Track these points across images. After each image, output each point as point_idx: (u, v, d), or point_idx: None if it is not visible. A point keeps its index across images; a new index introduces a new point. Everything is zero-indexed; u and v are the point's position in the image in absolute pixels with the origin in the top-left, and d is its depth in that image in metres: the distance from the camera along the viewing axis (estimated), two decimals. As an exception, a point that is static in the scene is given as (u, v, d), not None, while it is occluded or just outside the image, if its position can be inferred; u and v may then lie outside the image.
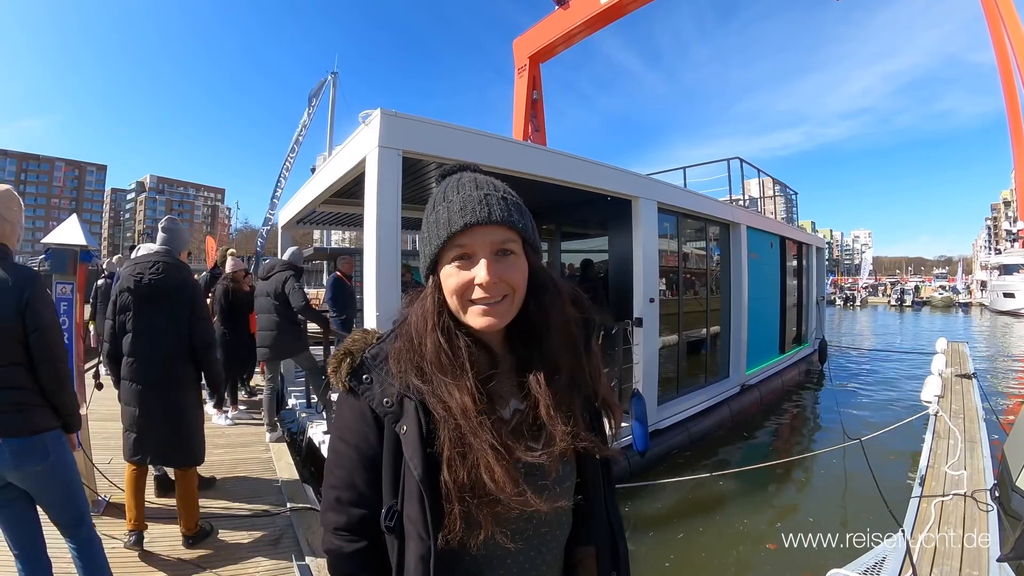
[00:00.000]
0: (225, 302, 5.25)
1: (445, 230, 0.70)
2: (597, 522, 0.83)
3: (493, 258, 0.70)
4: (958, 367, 7.95)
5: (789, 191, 12.57)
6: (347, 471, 0.76)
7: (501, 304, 0.71)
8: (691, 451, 5.67)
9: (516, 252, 0.73)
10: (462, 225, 0.69)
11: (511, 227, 0.72)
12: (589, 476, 0.81)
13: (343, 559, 0.76)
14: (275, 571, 2.65)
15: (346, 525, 0.75)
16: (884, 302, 43.32)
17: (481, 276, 0.69)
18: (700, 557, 3.79)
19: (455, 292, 0.71)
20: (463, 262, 0.71)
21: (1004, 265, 34.06)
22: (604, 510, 0.84)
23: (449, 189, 0.74)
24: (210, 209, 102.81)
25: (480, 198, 0.71)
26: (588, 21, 14.31)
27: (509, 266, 0.71)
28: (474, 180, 0.75)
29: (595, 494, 0.82)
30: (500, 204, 0.72)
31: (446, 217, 0.71)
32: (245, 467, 4.05)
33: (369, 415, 0.73)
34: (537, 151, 4.70)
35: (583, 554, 0.82)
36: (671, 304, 6.19)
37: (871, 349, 15.57)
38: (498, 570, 0.74)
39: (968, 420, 5.26)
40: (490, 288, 0.69)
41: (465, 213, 0.70)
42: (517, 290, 0.72)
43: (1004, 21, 15.69)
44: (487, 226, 0.70)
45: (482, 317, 0.71)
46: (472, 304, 0.71)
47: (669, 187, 6.03)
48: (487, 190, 0.73)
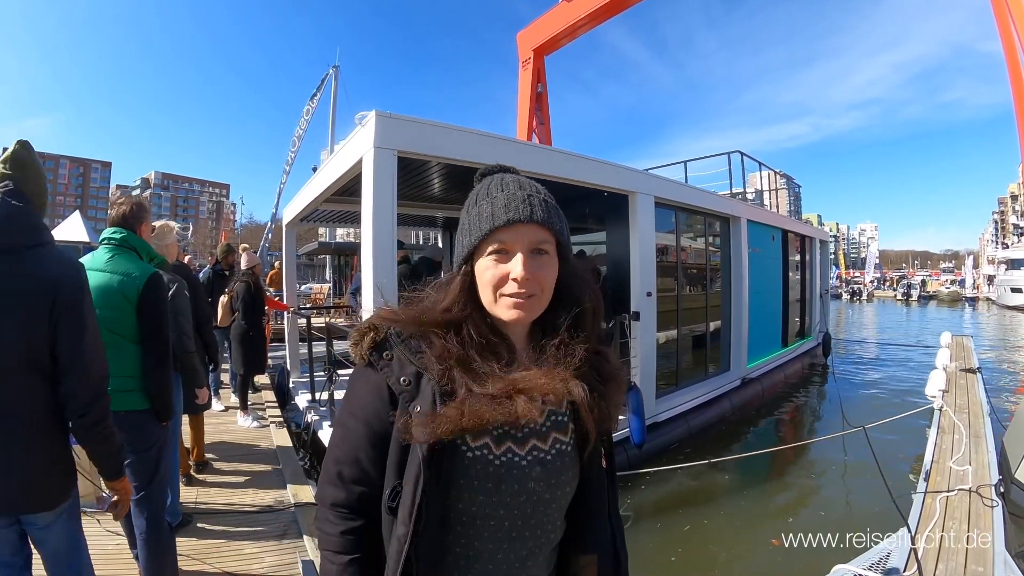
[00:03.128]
0: (248, 297, 5.17)
1: (488, 223, 0.73)
2: (598, 529, 0.83)
3: (529, 255, 0.73)
4: (963, 361, 7.90)
5: (793, 184, 12.50)
6: (353, 447, 0.76)
7: (530, 300, 0.74)
8: (691, 445, 5.68)
9: (550, 253, 0.76)
10: (505, 220, 0.72)
11: (550, 229, 0.75)
12: (592, 480, 0.81)
13: (337, 537, 0.75)
14: (279, 566, 2.66)
15: (345, 501, 0.76)
16: (891, 296, 43.08)
17: (517, 271, 0.72)
18: (708, 550, 3.82)
19: (491, 284, 0.74)
20: (500, 256, 0.74)
21: (1011, 260, 33.80)
22: (606, 517, 0.84)
23: (492, 186, 0.78)
24: (215, 205, 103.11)
25: (524, 198, 0.75)
26: (592, 13, 14.17)
27: (543, 265, 0.74)
28: (517, 181, 0.79)
29: (597, 499, 0.82)
30: (542, 206, 0.75)
31: (489, 212, 0.74)
32: (249, 463, 4.08)
33: (385, 391, 0.74)
34: (532, 149, 4.72)
35: (584, 562, 0.82)
36: (671, 299, 6.18)
37: (875, 343, 15.52)
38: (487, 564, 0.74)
39: (973, 415, 5.23)
40: (524, 284, 0.72)
41: (509, 210, 0.73)
42: (546, 289, 0.75)
43: (1011, 11, 15.47)
44: (528, 224, 0.73)
45: (512, 310, 0.73)
46: (503, 297, 0.74)
47: (666, 182, 6.04)
48: (530, 191, 0.77)
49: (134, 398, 2.14)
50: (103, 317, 1.98)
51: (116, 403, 1.93)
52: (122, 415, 2.03)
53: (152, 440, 2.22)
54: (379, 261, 3.37)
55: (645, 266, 5.30)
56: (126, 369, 2.14)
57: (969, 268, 47.67)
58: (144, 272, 2.16)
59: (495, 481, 0.72)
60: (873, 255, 58.10)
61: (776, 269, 9.03)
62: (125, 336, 2.13)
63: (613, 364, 0.84)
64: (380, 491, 0.75)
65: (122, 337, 2.12)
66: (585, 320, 0.80)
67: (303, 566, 2.60)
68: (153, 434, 2.22)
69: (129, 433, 2.04)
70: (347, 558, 0.75)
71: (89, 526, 2.87)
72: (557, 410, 0.79)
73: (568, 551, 0.82)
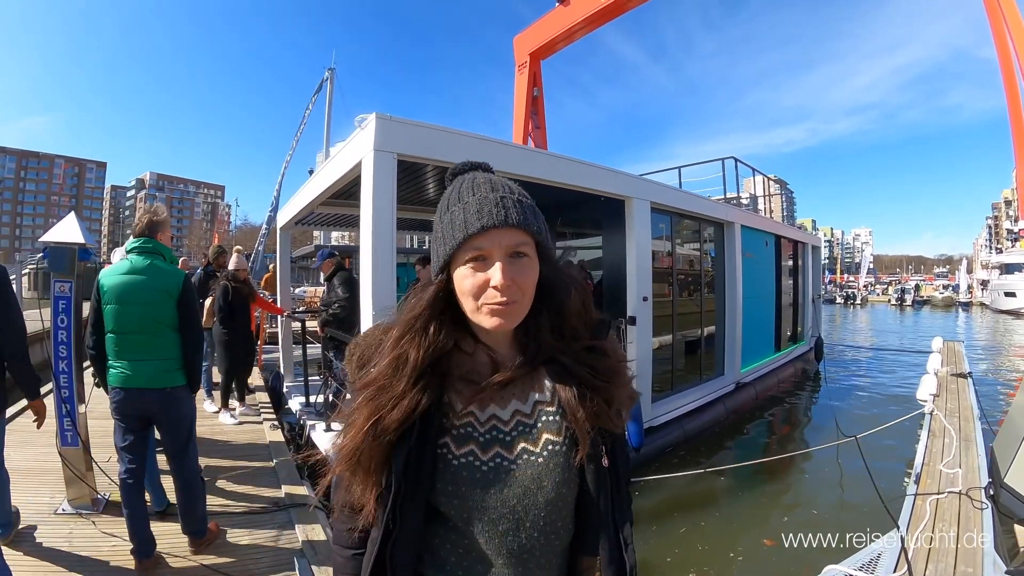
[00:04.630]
0: (224, 301, 5.18)
1: (461, 232, 0.70)
2: (602, 531, 0.79)
3: (507, 260, 0.71)
4: (953, 366, 7.96)
5: (787, 190, 12.60)
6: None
7: (512, 307, 0.71)
8: (686, 449, 5.72)
9: (529, 255, 0.73)
10: (479, 227, 0.69)
11: (527, 230, 0.72)
12: (590, 480, 0.76)
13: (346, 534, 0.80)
14: (275, 567, 2.67)
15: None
16: (884, 301, 43.32)
17: (496, 279, 0.69)
18: (703, 551, 3.86)
19: (470, 293, 0.71)
20: (478, 263, 0.71)
21: (1005, 264, 34.03)
22: (609, 519, 0.79)
23: (464, 189, 0.74)
24: (210, 206, 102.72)
25: (496, 200, 0.71)
26: (589, 18, 14.23)
27: (522, 269, 0.72)
28: (489, 182, 0.75)
29: (597, 500, 0.77)
30: (516, 207, 0.72)
31: (462, 218, 0.71)
32: (244, 464, 4.08)
33: None
34: (531, 153, 4.74)
35: (586, 564, 0.80)
36: (666, 303, 6.22)
37: (868, 347, 15.60)
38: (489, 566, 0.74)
39: (963, 419, 5.27)
40: (505, 291, 0.70)
41: (482, 215, 0.70)
42: (527, 293, 0.73)
43: (1006, 18, 15.65)
44: (503, 229, 0.70)
45: (493, 318, 0.71)
46: (485, 305, 0.71)
47: (662, 187, 6.08)
48: (503, 192, 0.73)
49: (175, 376, 2.64)
50: (150, 310, 2.59)
51: (161, 381, 2.58)
52: (167, 391, 2.60)
53: (188, 409, 2.74)
54: (378, 265, 3.34)
55: (641, 271, 5.33)
56: (167, 352, 2.62)
57: (963, 273, 47.90)
58: (178, 272, 2.70)
59: (483, 486, 0.72)
60: (867, 259, 58.38)
61: (769, 274, 9.09)
62: (167, 324, 2.62)
63: (611, 357, 0.81)
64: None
65: (165, 326, 2.62)
66: (570, 316, 0.78)
67: (299, 565, 2.61)
68: (188, 404, 2.74)
69: (172, 405, 2.62)
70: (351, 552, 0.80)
71: (84, 528, 2.89)
72: (550, 410, 0.77)
73: (573, 552, 0.80)
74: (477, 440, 0.74)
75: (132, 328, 2.56)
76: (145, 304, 2.57)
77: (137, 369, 2.55)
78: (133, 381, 2.54)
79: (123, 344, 2.56)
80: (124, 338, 2.56)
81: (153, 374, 2.56)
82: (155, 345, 2.58)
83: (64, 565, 2.56)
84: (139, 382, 2.54)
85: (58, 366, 3.03)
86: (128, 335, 2.56)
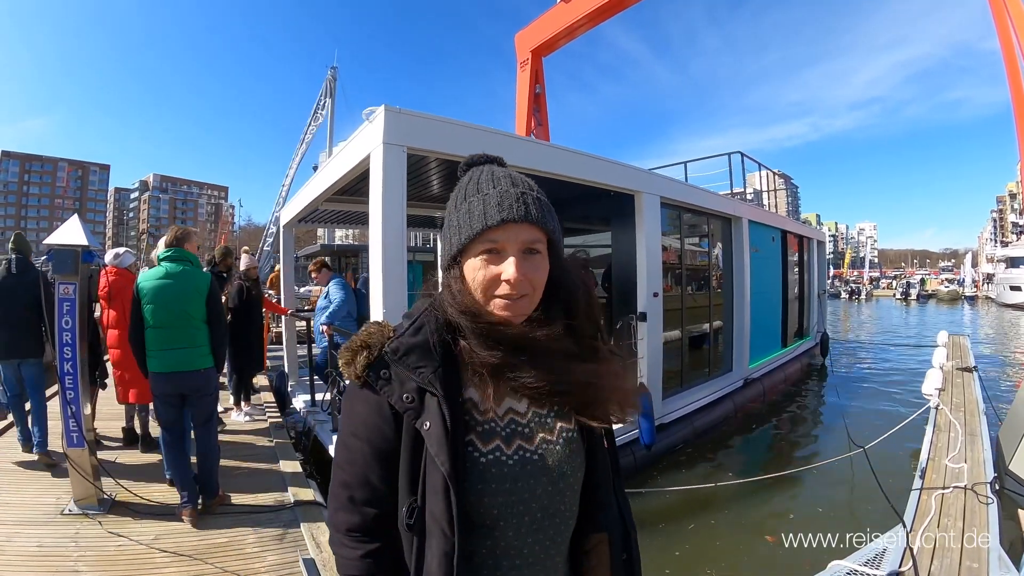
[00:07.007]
0: (240, 300, 5.21)
1: (480, 223, 0.71)
2: (607, 507, 0.83)
3: (521, 256, 0.71)
4: (959, 360, 7.92)
5: (791, 184, 12.56)
6: (360, 468, 0.75)
7: (521, 301, 0.72)
8: (694, 447, 5.69)
9: (542, 252, 0.74)
10: (499, 220, 0.70)
11: (543, 228, 0.73)
12: (599, 460, 0.82)
13: (357, 561, 0.75)
14: (281, 566, 2.67)
15: (360, 526, 0.75)
16: (890, 295, 43.11)
17: (509, 272, 0.70)
18: (711, 547, 3.86)
19: (482, 285, 0.72)
20: (491, 256, 0.72)
21: (1010, 258, 33.87)
22: (613, 494, 0.84)
23: (484, 181, 0.75)
24: (213, 207, 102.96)
25: (518, 195, 0.72)
26: (590, 15, 14.16)
27: (535, 266, 0.73)
28: (509, 176, 0.76)
29: (604, 478, 0.83)
30: (536, 204, 0.73)
31: (481, 210, 0.72)
32: (250, 462, 4.09)
33: (387, 410, 0.73)
34: (541, 147, 4.70)
35: (595, 540, 0.82)
36: (675, 299, 6.18)
37: (873, 343, 15.54)
38: (515, 560, 0.74)
39: (968, 413, 5.25)
40: (516, 285, 0.71)
41: (502, 209, 0.71)
42: (537, 289, 0.74)
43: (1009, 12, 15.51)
44: (521, 224, 0.71)
45: (503, 312, 0.72)
46: (495, 298, 0.72)
47: (672, 182, 6.01)
48: (523, 188, 0.74)
49: (207, 360, 3.19)
50: (187, 308, 3.11)
51: (195, 364, 3.13)
52: (200, 372, 3.15)
53: (215, 385, 3.34)
54: (388, 262, 3.27)
55: (651, 266, 5.25)
56: (198, 340, 3.15)
57: (968, 267, 47.65)
58: (206, 274, 3.30)
59: (512, 480, 0.72)
60: (872, 254, 58.07)
61: (776, 269, 9.04)
62: (200, 319, 3.16)
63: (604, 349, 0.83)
64: (393, 509, 0.74)
65: (199, 319, 3.16)
66: (578, 314, 0.80)
67: (304, 564, 2.62)
68: (214, 381, 3.33)
69: (204, 383, 3.19)
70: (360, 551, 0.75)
71: (91, 528, 2.91)
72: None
73: (580, 531, 0.82)
74: (500, 435, 0.75)
75: (169, 323, 3.06)
76: (179, 302, 3.09)
77: (176, 356, 3.07)
78: (172, 366, 3.06)
79: (161, 336, 3.06)
80: (162, 332, 3.06)
81: (187, 359, 3.09)
82: (188, 335, 3.10)
83: (70, 565, 2.57)
84: (177, 367, 3.07)
85: (63, 367, 3.04)
86: (165, 328, 3.06)
